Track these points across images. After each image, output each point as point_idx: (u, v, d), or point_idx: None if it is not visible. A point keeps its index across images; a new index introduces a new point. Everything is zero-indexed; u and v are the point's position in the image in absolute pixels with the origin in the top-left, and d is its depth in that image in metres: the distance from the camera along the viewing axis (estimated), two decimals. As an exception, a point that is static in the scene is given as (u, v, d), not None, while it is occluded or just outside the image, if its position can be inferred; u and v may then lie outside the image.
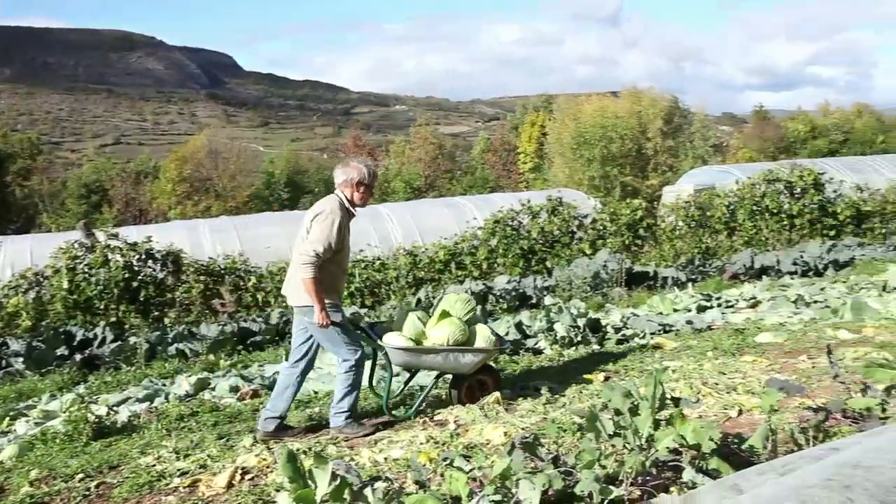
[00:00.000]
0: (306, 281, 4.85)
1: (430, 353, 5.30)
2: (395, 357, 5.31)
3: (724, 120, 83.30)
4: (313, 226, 4.98)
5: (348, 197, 5.19)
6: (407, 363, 5.44)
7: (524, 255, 14.37)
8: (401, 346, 5.28)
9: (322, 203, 5.15)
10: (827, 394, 4.86)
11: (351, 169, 5.18)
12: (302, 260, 4.86)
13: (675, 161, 39.29)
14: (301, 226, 5.15)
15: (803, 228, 16.25)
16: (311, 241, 4.91)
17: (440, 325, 5.40)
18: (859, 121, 56.90)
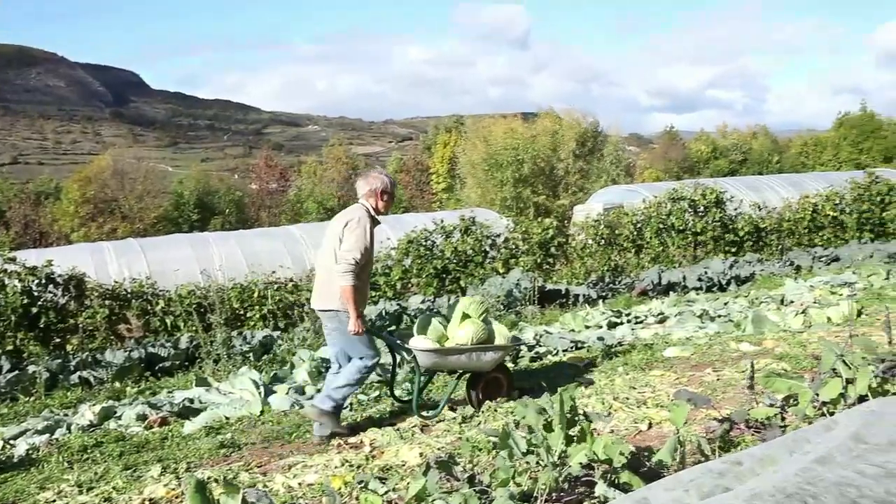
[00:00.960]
0: (346, 288, 5.04)
1: (455, 354, 5.57)
2: (424, 359, 5.52)
3: (631, 140, 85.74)
4: (346, 234, 5.17)
5: (373, 205, 5.40)
6: (435, 364, 5.63)
7: (438, 275, 14.41)
8: (429, 348, 5.52)
9: (350, 212, 5.36)
10: (731, 405, 5.02)
11: (374, 179, 5.44)
12: (342, 268, 5.05)
13: (585, 182, 40.20)
14: (326, 236, 5.38)
15: (707, 245, 16.85)
16: (347, 250, 5.10)
17: (463, 325, 5.68)
18: (756, 142, 59.61)
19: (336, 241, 5.22)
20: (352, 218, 5.26)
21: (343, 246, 5.15)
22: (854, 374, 4.39)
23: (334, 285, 5.15)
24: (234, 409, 6.39)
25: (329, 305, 5.23)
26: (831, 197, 19.44)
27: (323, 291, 5.30)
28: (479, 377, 5.78)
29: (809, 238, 18.53)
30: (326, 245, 5.36)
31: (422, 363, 5.55)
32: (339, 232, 5.23)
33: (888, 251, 15.50)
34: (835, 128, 54.70)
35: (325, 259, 5.32)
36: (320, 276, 5.40)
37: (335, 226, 5.33)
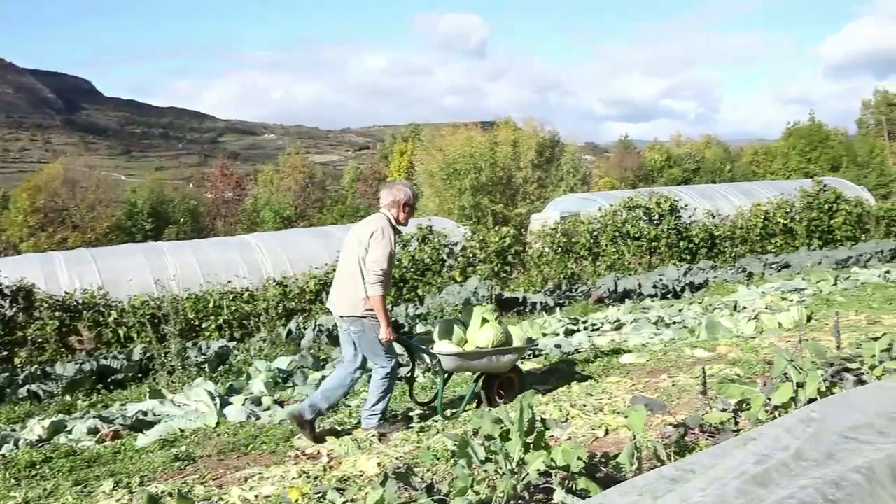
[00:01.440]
0: (376, 298, 5.26)
1: (477, 357, 5.86)
2: (448, 363, 5.79)
3: (587, 149, 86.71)
4: (373, 245, 5.32)
5: (395, 216, 5.55)
6: (458, 367, 5.94)
7: (395, 284, 14.38)
8: (453, 352, 5.80)
9: (373, 222, 5.51)
10: (686, 410, 5.09)
11: (398, 191, 5.60)
12: (372, 279, 5.23)
13: (543, 190, 40.49)
14: (348, 243, 5.55)
15: (662, 253, 17.08)
16: (375, 261, 5.27)
17: (483, 329, 5.95)
18: (708, 151, 60.74)
19: (361, 248, 5.36)
20: (377, 229, 5.38)
21: (370, 257, 5.30)
22: (804, 378, 4.48)
23: (360, 292, 5.32)
24: (188, 421, 6.29)
25: (354, 312, 5.38)
26: (782, 205, 19.87)
27: (346, 297, 5.44)
28: (494, 377, 6.06)
29: (761, 245, 18.91)
30: (350, 252, 5.49)
31: (445, 366, 5.80)
32: (364, 241, 5.37)
33: (836, 258, 15.88)
34: (784, 137, 55.93)
35: (348, 267, 5.47)
36: (343, 282, 5.52)
37: (359, 234, 5.47)
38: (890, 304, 9.48)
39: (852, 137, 58.11)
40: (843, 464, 1.91)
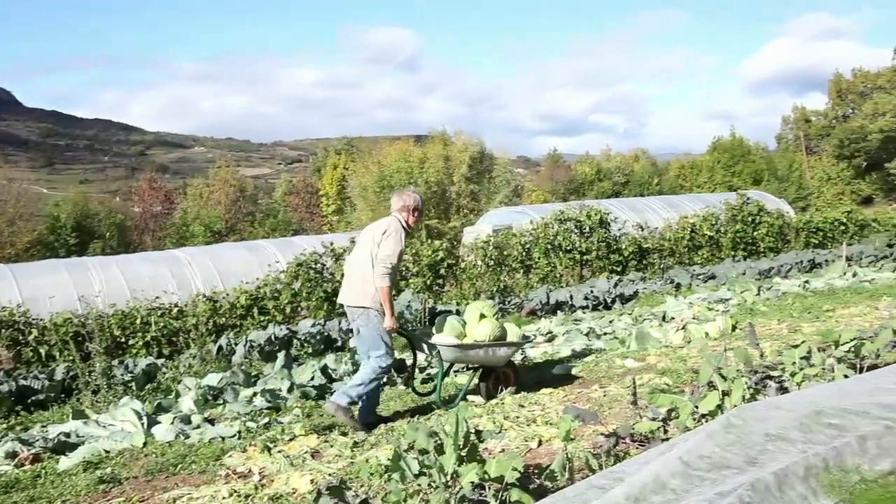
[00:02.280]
0: (384, 288, 5.69)
1: (475, 349, 6.23)
2: (447, 354, 6.16)
3: (519, 163, 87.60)
4: (384, 241, 5.78)
5: (405, 219, 6.05)
6: (456, 358, 6.29)
7: (328, 298, 14.26)
8: (452, 343, 6.16)
9: (385, 223, 5.99)
10: (618, 420, 5.17)
11: (407, 197, 6.13)
12: (381, 271, 5.68)
13: (476, 204, 40.74)
14: (360, 242, 6.08)
15: (593, 265, 17.36)
16: (385, 256, 5.72)
17: (481, 324, 6.32)
18: (637, 165, 62.04)
19: (374, 246, 5.81)
20: (388, 228, 5.88)
21: (381, 252, 5.75)
22: (730, 386, 4.60)
23: (369, 285, 5.76)
24: (114, 441, 6.10)
25: (362, 303, 5.79)
26: (708, 217, 20.43)
27: (357, 290, 5.85)
28: (491, 371, 6.45)
29: (689, 257, 19.40)
30: (362, 250, 5.96)
31: (445, 357, 6.18)
32: (377, 239, 5.83)
33: (759, 269, 16.39)
34: (709, 152, 57.55)
35: (360, 262, 5.89)
36: (354, 277, 5.93)
37: (372, 233, 5.95)
38: (809, 313, 9.82)
39: (773, 152, 60.17)
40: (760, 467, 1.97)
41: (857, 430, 2.20)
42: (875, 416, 2.30)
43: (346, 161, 53.42)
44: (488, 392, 6.42)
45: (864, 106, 54.34)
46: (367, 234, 6.07)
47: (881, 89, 53.54)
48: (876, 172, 52.99)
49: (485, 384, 6.45)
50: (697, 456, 2.20)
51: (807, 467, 1.98)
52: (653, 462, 2.24)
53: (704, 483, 2.02)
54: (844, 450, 2.09)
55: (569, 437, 3.77)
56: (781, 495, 1.87)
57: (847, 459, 2.07)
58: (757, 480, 1.95)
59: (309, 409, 6.77)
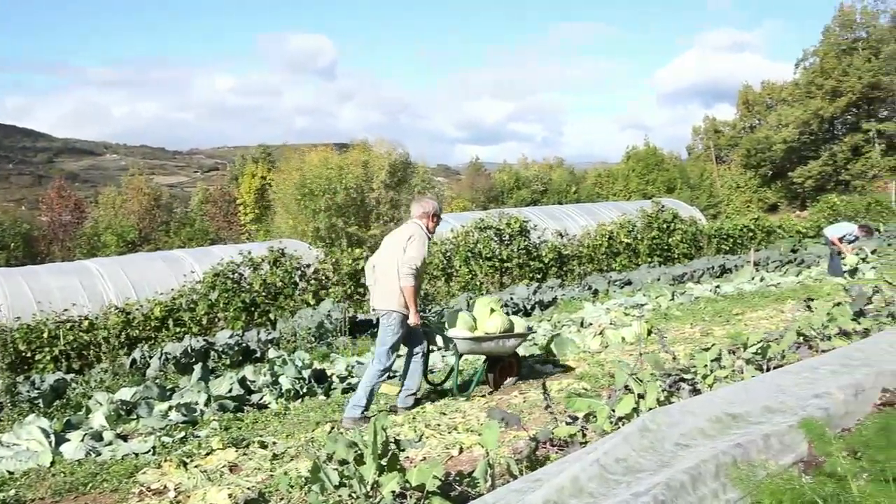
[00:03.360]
0: (408, 288, 6.08)
1: (487, 341, 6.66)
2: (462, 346, 6.59)
3: (439, 171, 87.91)
4: (409, 246, 6.16)
5: (425, 225, 6.42)
6: (470, 350, 6.69)
7: (246, 308, 14.02)
8: (467, 336, 6.59)
9: (409, 229, 6.39)
10: (538, 424, 5.22)
11: (427, 204, 6.57)
12: (406, 272, 6.07)
13: (396, 212, 40.71)
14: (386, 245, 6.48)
15: (513, 272, 17.54)
16: (411, 259, 6.11)
17: (492, 318, 6.78)
18: (555, 173, 63.09)
19: (400, 250, 6.19)
20: (413, 233, 6.28)
21: (407, 255, 6.13)
22: (645, 389, 4.71)
23: (395, 289, 6.13)
24: (19, 462, 5.83)
25: (389, 306, 6.17)
26: (625, 225, 20.92)
27: (385, 294, 6.23)
28: (497, 361, 6.87)
29: (607, 263, 19.80)
30: (387, 256, 6.34)
31: (460, 349, 6.61)
32: (402, 243, 6.22)
33: (673, 274, 16.85)
34: (624, 160, 58.96)
35: (386, 267, 6.27)
36: (381, 280, 6.30)
37: (397, 238, 6.35)
38: (720, 317, 10.14)
39: (685, 161, 62.06)
40: (674, 467, 2.02)
41: (762, 428, 2.28)
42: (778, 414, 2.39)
43: (264, 169, 52.70)
44: (496, 381, 6.85)
45: (769, 117, 56.61)
46: (391, 240, 6.44)
47: (784, 102, 55.86)
48: (780, 181, 55.24)
49: (492, 374, 6.86)
50: (614, 459, 2.24)
51: (717, 465, 2.04)
52: (571, 466, 2.27)
53: (620, 486, 2.05)
54: (751, 447, 2.16)
55: (491, 443, 3.79)
56: (695, 492, 1.92)
57: (753, 456, 2.15)
58: (671, 479, 2.00)
59: (227, 421, 6.62)
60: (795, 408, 2.53)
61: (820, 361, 3.79)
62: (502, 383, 6.91)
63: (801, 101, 52.49)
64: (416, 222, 6.44)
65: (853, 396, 3.17)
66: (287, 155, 44.26)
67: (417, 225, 6.41)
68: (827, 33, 52.69)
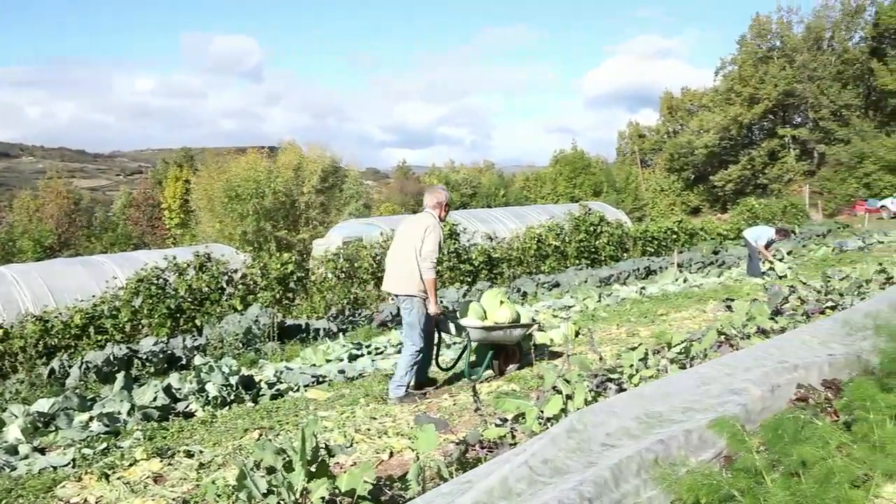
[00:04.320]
0: (431, 280, 6.46)
1: (497, 329, 7.07)
2: (474, 334, 6.92)
3: (369, 175, 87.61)
4: (427, 237, 6.47)
5: (438, 214, 6.75)
6: (482, 338, 7.01)
7: (172, 315, 13.71)
8: (480, 325, 6.99)
9: (424, 220, 6.67)
10: (468, 427, 5.24)
11: (439, 194, 6.88)
12: (427, 265, 6.44)
13: (325, 216, 40.41)
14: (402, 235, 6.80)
15: (443, 275, 17.57)
16: (429, 251, 6.45)
17: (501, 308, 7.26)
18: (484, 177, 63.60)
19: (417, 241, 6.49)
20: (429, 224, 6.56)
21: (425, 247, 6.45)
22: (573, 390, 4.78)
23: (415, 275, 6.47)
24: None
25: (410, 291, 6.51)
26: (553, 228, 21.20)
27: (404, 280, 6.54)
28: (502, 349, 7.24)
29: (536, 265, 20.02)
30: (404, 244, 6.64)
31: (473, 337, 6.93)
32: (420, 234, 6.51)
33: (600, 276, 17.15)
34: (552, 164, 59.85)
35: (405, 255, 6.56)
36: (399, 268, 6.60)
37: (413, 229, 6.65)
38: (645, 318, 10.36)
39: (611, 165, 63.32)
40: (599, 465, 2.06)
41: (684, 425, 2.34)
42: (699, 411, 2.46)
43: (188, 173, 51.69)
44: (500, 367, 7.21)
45: (690, 123, 58.20)
46: (407, 229, 6.77)
47: (705, 108, 57.51)
48: (702, 185, 56.87)
49: (497, 361, 7.21)
50: (542, 460, 2.27)
51: (640, 463, 2.09)
52: (500, 468, 2.29)
53: (548, 486, 2.08)
54: (672, 444, 2.22)
55: (425, 448, 3.79)
56: (617, 489, 1.96)
57: (674, 453, 2.20)
58: (596, 477, 2.03)
59: (151, 431, 6.45)
60: (715, 405, 2.61)
61: (738, 359, 3.91)
62: (506, 370, 7.23)
63: (721, 107, 54.14)
64: (429, 212, 6.77)
65: (769, 392, 3.29)
66: (213, 158, 43.44)
67: (431, 215, 6.74)
68: (743, 42, 54.46)
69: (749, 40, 53.87)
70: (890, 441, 2.80)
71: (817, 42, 50.92)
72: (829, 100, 48.87)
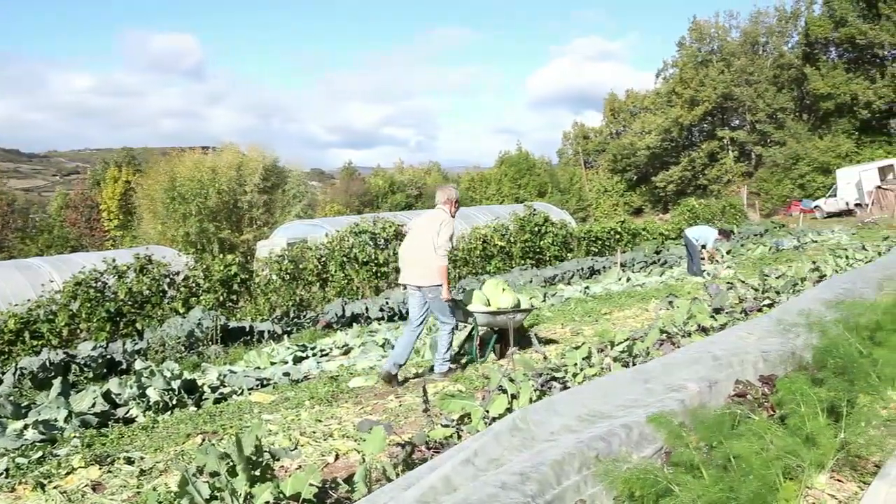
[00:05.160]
0: (444, 267, 7.01)
1: (501, 314, 7.68)
2: (481, 319, 7.63)
3: (314, 176, 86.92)
4: (442, 230, 7.02)
5: (449, 210, 7.29)
6: (488, 322, 7.71)
7: (111, 318, 13.42)
8: (487, 310, 7.66)
9: (438, 215, 7.23)
10: (413, 428, 5.24)
11: (449, 191, 7.49)
12: (441, 253, 6.99)
13: (270, 216, 40.00)
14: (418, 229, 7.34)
15: (390, 276, 17.54)
16: (444, 243, 7.01)
17: (504, 295, 7.90)
18: (430, 177, 63.72)
19: (434, 234, 7.00)
20: (443, 219, 7.13)
21: (440, 240, 6.99)
22: (518, 389, 4.82)
23: (434, 267, 6.99)
24: None
25: (431, 282, 7.01)
26: (498, 228, 21.33)
27: (424, 272, 7.05)
28: (502, 332, 7.79)
29: (482, 266, 20.11)
30: (422, 238, 7.13)
31: (479, 322, 7.63)
32: (436, 228, 7.04)
33: (545, 276, 17.31)
34: (497, 165, 60.21)
35: (423, 248, 7.07)
36: (419, 261, 7.09)
37: (428, 224, 7.17)
38: (589, 317, 10.50)
39: (555, 166, 63.94)
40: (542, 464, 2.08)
41: (624, 422, 2.38)
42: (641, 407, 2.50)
43: (128, 173, 50.67)
44: (502, 350, 7.72)
45: (633, 124, 59.11)
46: (423, 225, 7.29)
47: (647, 110, 58.46)
48: (645, 185, 57.79)
49: (499, 345, 7.78)
50: (485, 457, 2.28)
51: (582, 460, 2.12)
52: (443, 465, 2.30)
53: (490, 483, 2.09)
54: (613, 440, 2.25)
55: (377, 449, 3.77)
56: (559, 485, 1.98)
57: (616, 449, 2.23)
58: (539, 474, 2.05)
59: (90, 438, 6.29)
60: (655, 402, 2.66)
61: (677, 357, 3.99)
62: (506, 353, 7.52)
63: (663, 109, 55.10)
64: (441, 208, 7.30)
65: (708, 389, 3.36)
66: (153, 158, 42.63)
67: (443, 210, 7.27)
68: (683, 45, 55.51)
69: (689, 44, 54.94)
70: (819, 433, 2.89)
71: (754, 47, 52.18)
72: (766, 103, 50.11)
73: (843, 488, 3.34)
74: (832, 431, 3.17)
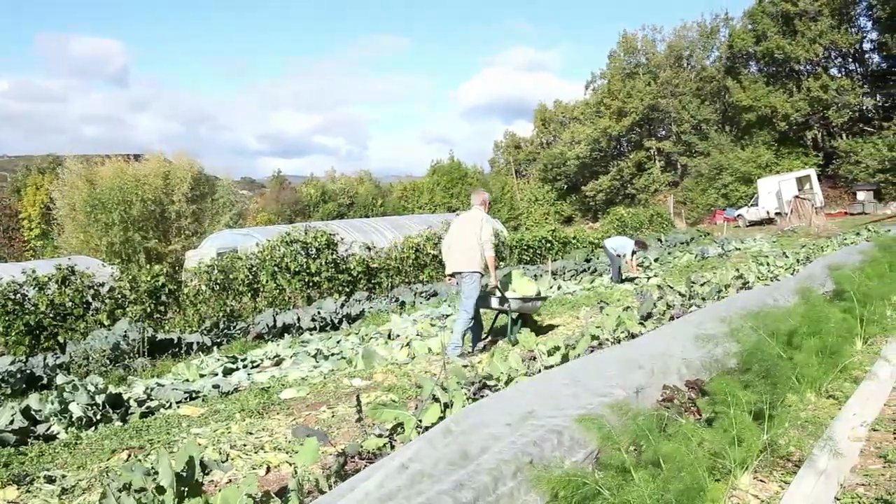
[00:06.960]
0: (490, 256, 8.17)
1: (529, 301, 8.88)
2: (515, 304, 8.69)
3: (244, 184, 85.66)
4: (484, 226, 8.22)
5: (484, 210, 8.51)
6: (519, 308, 8.78)
7: (31, 332, 12.96)
8: (520, 297, 8.80)
9: (477, 214, 8.39)
10: (346, 439, 5.20)
11: (483, 194, 8.70)
12: (489, 246, 8.15)
13: (198, 226, 39.26)
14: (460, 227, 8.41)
15: (322, 286, 17.40)
16: (488, 237, 8.18)
17: (528, 284, 9.18)
18: (362, 186, 63.45)
19: (477, 229, 8.17)
20: (482, 217, 8.33)
21: (484, 233, 8.15)
22: (451, 397, 4.83)
23: (477, 256, 8.12)
24: None
25: (475, 268, 8.14)
26: (431, 237, 21.37)
27: (468, 260, 8.14)
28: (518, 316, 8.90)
29: (415, 275, 20.12)
30: (466, 234, 8.25)
31: (513, 307, 8.67)
32: (478, 224, 8.21)
33: (477, 285, 17.37)
34: (429, 174, 60.37)
35: (467, 241, 8.19)
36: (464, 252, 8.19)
37: (470, 222, 8.30)
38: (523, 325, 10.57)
39: (487, 175, 64.42)
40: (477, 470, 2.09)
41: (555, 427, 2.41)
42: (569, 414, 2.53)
43: (51, 180, 49.17)
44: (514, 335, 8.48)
45: (563, 134, 60.03)
46: (465, 223, 8.34)
47: (577, 120, 59.47)
48: (575, 194, 58.72)
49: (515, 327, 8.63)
50: (419, 463, 2.28)
51: (517, 466, 2.13)
52: (377, 472, 2.29)
53: (426, 490, 2.09)
54: (546, 445, 2.28)
55: (312, 459, 3.72)
56: (495, 491, 1.99)
57: (548, 454, 2.26)
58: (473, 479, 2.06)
59: (7, 457, 6.05)
60: (584, 405, 2.70)
61: (605, 362, 4.06)
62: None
63: (592, 119, 56.13)
64: (478, 209, 8.46)
65: (634, 394, 3.43)
66: (77, 166, 41.41)
67: (480, 210, 8.44)
68: (612, 57, 56.70)
69: (618, 56, 56.13)
70: (746, 434, 2.98)
71: (678, 60, 53.63)
72: (690, 114, 51.54)
73: (766, 488, 3.45)
74: (758, 432, 3.28)
